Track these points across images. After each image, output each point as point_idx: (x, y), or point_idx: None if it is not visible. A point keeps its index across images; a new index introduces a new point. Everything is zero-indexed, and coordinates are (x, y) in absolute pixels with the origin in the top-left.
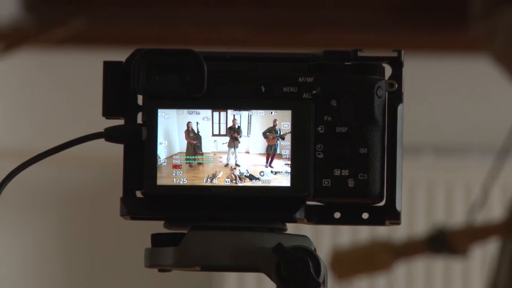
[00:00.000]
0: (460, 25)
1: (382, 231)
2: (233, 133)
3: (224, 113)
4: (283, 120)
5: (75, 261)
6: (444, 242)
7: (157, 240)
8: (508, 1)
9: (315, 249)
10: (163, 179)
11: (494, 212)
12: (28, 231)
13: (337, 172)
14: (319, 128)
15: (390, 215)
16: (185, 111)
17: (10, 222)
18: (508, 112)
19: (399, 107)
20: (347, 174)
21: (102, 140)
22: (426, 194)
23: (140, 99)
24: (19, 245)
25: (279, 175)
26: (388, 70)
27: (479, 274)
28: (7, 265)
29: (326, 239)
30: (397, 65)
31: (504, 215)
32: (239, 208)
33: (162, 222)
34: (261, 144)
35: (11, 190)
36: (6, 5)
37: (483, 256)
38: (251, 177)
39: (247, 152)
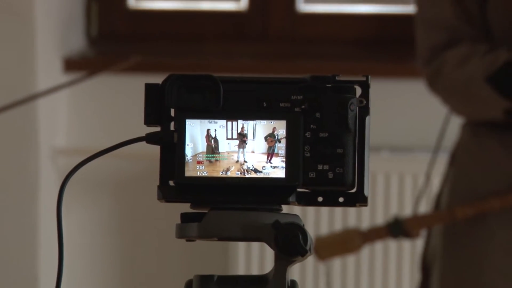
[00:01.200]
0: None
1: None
2: (242, 138)
3: (235, 122)
4: (280, 128)
5: (123, 234)
6: (400, 229)
7: (185, 217)
8: (446, 48)
9: (303, 225)
10: (189, 172)
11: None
12: (88, 211)
13: (320, 167)
14: (307, 134)
15: (360, 199)
16: (206, 121)
17: (74, 204)
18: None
19: (367, 118)
20: (327, 168)
21: (144, 142)
22: (384, 182)
23: (172, 112)
24: (82, 222)
25: (276, 169)
26: (358, 90)
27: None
28: (72, 239)
29: (310, 217)
30: (365, 86)
31: (446, 206)
32: (246, 194)
33: (189, 204)
34: (263, 145)
35: (79, 177)
36: (77, 43)
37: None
38: (256, 171)
39: (253, 152)
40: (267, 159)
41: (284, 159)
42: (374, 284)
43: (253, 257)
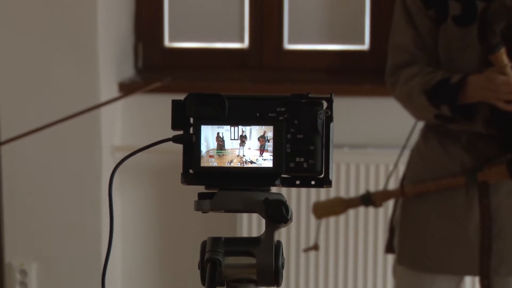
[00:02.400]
0: (369, 80)
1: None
2: (242, 138)
3: (237, 127)
4: (268, 131)
5: (156, 208)
6: (369, 200)
7: (201, 196)
8: (404, 67)
9: (286, 201)
10: (204, 163)
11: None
12: (132, 190)
13: (297, 159)
14: (288, 135)
15: (326, 182)
16: (216, 126)
17: (123, 185)
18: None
19: (331, 124)
20: (303, 160)
21: (171, 142)
22: (345, 170)
23: (191, 120)
24: (127, 199)
25: (266, 161)
26: (325, 104)
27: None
28: (121, 213)
29: (292, 195)
30: (330, 102)
31: (399, 185)
32: (245, 179)
33: (203, 186)
34: (257, 144)
35: (125, 168)
36: (128, 71)
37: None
38: (251, 162)
39: (249, 148)
40: (260, 154)
41: (272, 154)
42: (358, 241)
43: (251, 224)
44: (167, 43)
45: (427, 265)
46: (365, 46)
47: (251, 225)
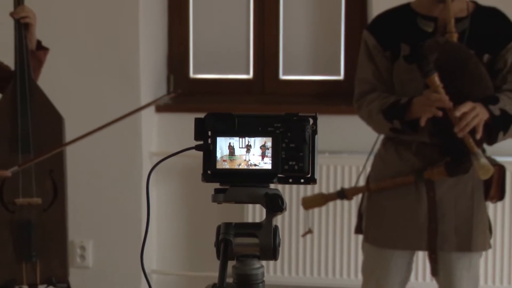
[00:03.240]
0: (344, 102)
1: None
2: (248, 147)
3: (244, 139)
4: (268, 142)
5: (183, 201)
6: (343, 195)
7: (216, 191)
8: (366, 94)
9: (281, 195)
10: (218, 166)
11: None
12: (165, 187)
13: (290, 163)
14: (283, 145)
15: (312, 180)
16: (228, 137)
17: (159, 183)
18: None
19: (316, 136)
20: (294, 163)
21: (194, 150)
22: (326, 171)
23: (209, 133)
24: (161, 193)
25: (266, 164)
26: (311, 121)
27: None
28: (155, 208)
29: (286, 190)
30: (315, 119)
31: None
32: (250, 178)
33: (218, 184)
34: (259, 151)
35: (160, 169)
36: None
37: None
38: (255, 165)
39: (253, 155)
40: (261, 158)
41: (271, 159)
42: (336, 225)
43: (255, 213)
44: (191, 75)
45: (387, 242)
46: (341, 76)
47: (255, 213)
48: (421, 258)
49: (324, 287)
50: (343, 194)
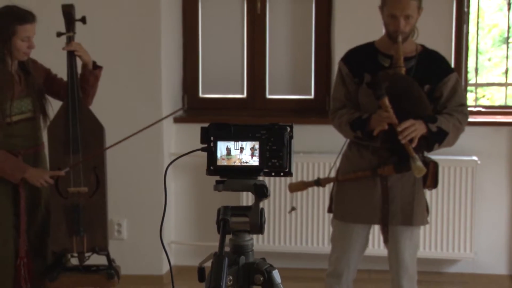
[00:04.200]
0: (314, 115)
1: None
2: (241, 149)
3: (239, 142)
4: (256, 145)
5: (192, 190)
6: (319, 183)
7: (217, 182)
8: (338, 110)
9: (266, 184)
10: (219, 163)
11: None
12: (180, 179)
13: (273, 161)
14: (267, 147)
15: (289, 174)
16: (226, 141)
17: (174, 177)
18: (323, 140)
19: (292, 140)
20: (276, 161)
21: (200, 151)
22: (301, 167)
23: (212, 138)
24: (177, 185)
25: (255, 162)
26: (289, 129)
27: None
28: (173, 194)
29: (270, 182)
30: (291, 127)
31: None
32: (242, 172)
33: (218, 176)
34: (249, 152)
35: (176, 165)
36: (179, 111)
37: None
38: (246, 162)
39: (245, 154)
40: (251, 157)
41: (258, 158)
42: (314, 206)
43: (248, 198)
44: (200, 94)
45: (350, 219)
46: (312, 96)
47: (248, 199)
48: (377, 231)
49: (301, 252)
50: (319, 182)
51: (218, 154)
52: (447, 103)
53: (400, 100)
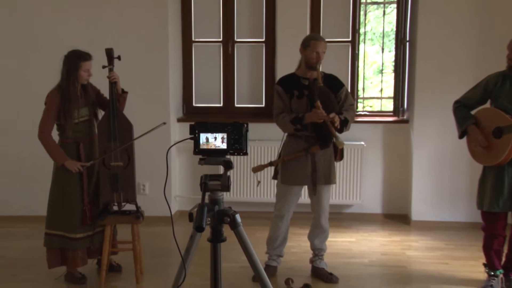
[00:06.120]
0: (264, 118)
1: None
2: (215, 138)
3: (213, 134)
4: (225, 136)
5: (189, 164)
6: (271, 163)
7: (200, 159)
8: (279, 114)
9: (231, 160)
10: (201, 147)
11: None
12: (181, 157)
13: (235, 145)
14: (232, 137)
15: (246, 154)
16: (205, 133)
17: (178, 155)
18: (274, 133)
19: (247, 133)
20: (237, 146)
21: (189, 139)
22: (255, 150)
23: (197, 131)
24: (181, 161)
25: (224, 146)
26: (245, 126)
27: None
28: (177, 167)
29: (235, 160)
30: (247, 125)
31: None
32: (216, 153)
33: (201, 156)
34: (220, 140)
35: (179, 147)
36: (180, 115)
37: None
38: (218, 147)
39: (218, 142)
40: (221, 143)
41: (226, 144)
42: (267, 176)
43: (220, 170)
44: (194, 104)
45: (291, 182)
46: (263, 105)
47: (220, 170)
48: (305, 190)
49: (255, 202)
50: (271, 163)
51: (201, 141)
52: (344, 104)
53: (324, 101)
